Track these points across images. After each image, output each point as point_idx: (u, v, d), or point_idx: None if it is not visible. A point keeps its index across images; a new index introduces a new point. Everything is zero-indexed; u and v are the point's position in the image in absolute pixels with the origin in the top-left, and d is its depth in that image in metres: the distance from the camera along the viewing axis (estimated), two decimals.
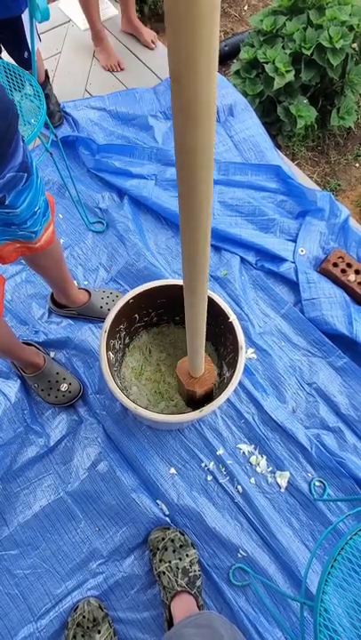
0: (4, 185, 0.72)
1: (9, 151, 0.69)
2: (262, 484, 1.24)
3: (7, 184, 0.73)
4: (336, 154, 2.23)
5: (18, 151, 0.72)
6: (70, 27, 2.08)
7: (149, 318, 1.24)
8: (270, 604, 1.12)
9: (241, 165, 1.67)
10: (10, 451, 1.23)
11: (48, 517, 1.18)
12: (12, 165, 0.72)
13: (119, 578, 1.13)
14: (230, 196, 1.61)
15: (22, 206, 0.80)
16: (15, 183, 0.75)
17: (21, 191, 0.78)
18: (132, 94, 1.83)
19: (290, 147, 2.16)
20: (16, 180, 0.75)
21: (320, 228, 1.57)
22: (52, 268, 1.16)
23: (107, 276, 1.51)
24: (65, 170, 1.60)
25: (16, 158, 0.72)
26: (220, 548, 1.16)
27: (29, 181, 0.79)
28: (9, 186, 0.74)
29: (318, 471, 1.26)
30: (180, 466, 1.24)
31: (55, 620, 1.09)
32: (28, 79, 1.15)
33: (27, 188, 0.79)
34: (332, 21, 1.78)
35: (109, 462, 1.23)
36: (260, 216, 1.58)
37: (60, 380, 1.27)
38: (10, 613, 1.10)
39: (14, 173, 0.73)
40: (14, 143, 0.70)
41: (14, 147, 0.70)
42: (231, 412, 1.31)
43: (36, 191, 0.83)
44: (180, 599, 1.03)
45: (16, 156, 0.72)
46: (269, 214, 1.57)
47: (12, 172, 0.73)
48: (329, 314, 1.42)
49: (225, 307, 1.06)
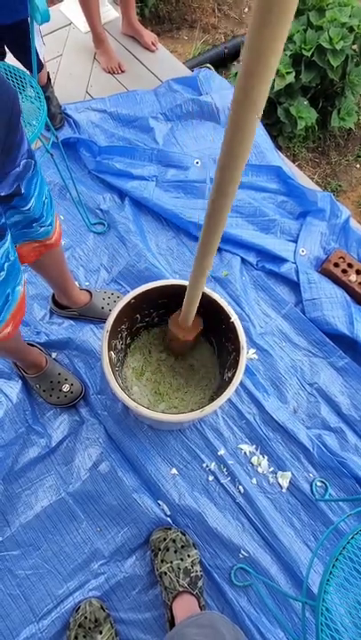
0: (20, 173, 0.73)
1: (17, 137, 0.70)
2: (264, 484, 1.24)
3: (22, 172, 0.74)
4: (337, 155, 2.24)
5: (24, 138, 0.73)
6: (71, 29, 2.09)
7: (150, 318, 1.25)
8: (272, 604, 1.12)
9: None
10: (11, 451, 1.23)
11: (50, 518, 1.18)
12: (22, 152, 0.73)
13: (121, 578, 1.13)
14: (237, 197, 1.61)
15: (34, 195, 0.81)
16: (27, 170, 0.76)
17: (31, 178, 0.79)
18: (133, 96, 1.84)
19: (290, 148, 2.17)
20: (28, 167, 0.76)
21: (321, 229, 1.57)
22: (54, 269, 1.16)
23: (108, 276, 1.51)
24: (66, 171, 1.61)
25: (24, 145, 0.73)
26: (222, 548, 1.16)
27: (36, 168, 0.80)
28: (23, 174, 0.75)
29: (320, 471, 1.25)
30: (182, 466, 1.24)
31: (57, 621, 1.09)
32: (29, 81, 1.16)
33: (35, 175, 0.80)
34: (333, 23, 1.79)
35: (111, 463, 1.23)
36: (260, 217, 1.58)
37: (61, 381, 1.28)
38: (12, 614, 1.10)
39: (26, 160, 0.74)
40: (21, 129, 0.71)
41: (21, 133, 0.71)
42: (232, 412, 1.31)
43: (42, 179, 0.85)
44: (182, 600, 1.03)
45: (24, 142, 0.73)
46: (270, 215, 1.58)
47: (24, 159, 0.74)
48: (330, 314, 1.42)
49: (226, 307, 1.07)
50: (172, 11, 2.71)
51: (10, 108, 0.66)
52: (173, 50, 2.57)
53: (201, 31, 2.66)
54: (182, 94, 1.82)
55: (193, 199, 1.62)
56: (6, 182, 0.72)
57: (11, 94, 0.66)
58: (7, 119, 0.66)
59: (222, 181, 0.56)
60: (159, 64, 2.02)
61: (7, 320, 0.83)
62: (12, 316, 0.84)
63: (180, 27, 2.71)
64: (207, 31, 2.68)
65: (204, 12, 2.73)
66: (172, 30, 2.70)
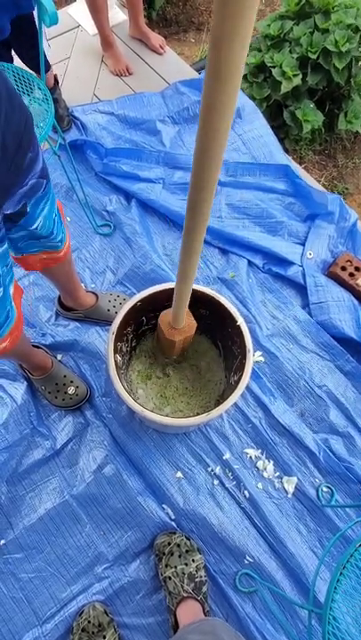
0: (26, 192, 0.73)
1: (27, 156, 0.68)
2: (269, 489, 1.22)
3: (29, 191, 0.73)
4: (343, 157, 2.23)
5: (39, 157, 0.72)
6: (79, 32, 2.09)
7: (157, 321, 1.24)
8: (277, 611, 1.11)
9: (249, 165, 1.67)
10: (16, 453, 1.23)
11: (53, 521, 1.18)
12: (34, 172, 0.72)
13: (125, 583, 1.12)
14: (238, 198, 1.61)
15: (42, 214, 0.80)
16: (36, 190, 0.75)
17: (40, 198, 0.78)
18: (140, 98, 1.84)
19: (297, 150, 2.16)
20: (38, 187, 0.75)
21: (329, 232, 1.56)
22: (61, 272, 1.16)
23: (114, 278, 1.51)
24: (73, 173, 1.61)
25: (38, 164, 0.72)
26: (227, 553, 1.15)
27: (47, 188, 0.79)
28: (30, 193, 0.74)
29: (326, 477, 1.24)
30: (187, 470, 1.23)
31: (60, 625, 1.08)
32: (37, 83, 1.16)
33: (45, 195, 0.79)
34: (338, 25, 1.78)
35: (115, 465, 1.22)
36: (267, 218, 1.57)
37: (67, 383, 1.27)
38: (14, 617, 1.09)
39: (36, 180, 0.73)
40: (36, 148, 0.70)
41: (36, 152, 0.70)
42: (238, 415, 1.30)
43: (52, 198, 0.84)
44: (186, 605, 1.02)
45: (37, 161, 0.72)
46: (277, 217, 1.57)
47: (34, 179, 0.73)
48: (337, 317, 1.41)
49: (233, 310, 1.06)
50: (180, 13, 2.72)
51: (22, 130, 0.64)
52: (180, 52, 2.57)
53: (208, 33, 2.66)
54: (189, 97, 1.82)
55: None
56: (12, 200, 0.71)
57: (24, 114, 0.65)
58: (19, 140, 0.64)
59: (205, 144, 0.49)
60: (166, 66, 2.02)
61: (4, 337, 0.84)
62: (9, 333, 0.85)
63: (187, 29, 2.72)
64: None
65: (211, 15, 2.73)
66: (179, 33, 2.70)
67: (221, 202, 1.61)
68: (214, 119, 0.44)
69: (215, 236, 1.54)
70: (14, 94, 0.62)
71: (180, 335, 1.04)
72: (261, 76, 1.99)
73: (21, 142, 0.65)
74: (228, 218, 1.59)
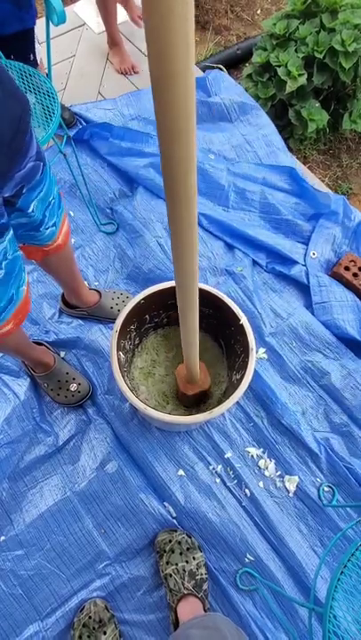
0: (25, 175, 0.74)
1: (24, 140, 0.70)
2: (271, 487, 1.23)
3: (28, 174, 0.74)
4: (348, 157, 2.22)
5: (33, 140, 0.73)
6: (85, 30, 2.09)
7: (160, 319, 1.24)
8: (278, 609, 1.11)
9: (255, 166, 1.67)
10: (18, 449, 1.24)
11: (54, 517, 1.18)
12: (30, 155, 0.73)
13: (125, 579, 1.12)
14: (250, 189, 1.61)
15: (37, 197, 0.81)
16: (34, 172, 0.76)
17: (39, 181, 0.79)
18: (143, 94, 1.84)
19: (301, 150, 2.16)
20: (35, 170, 0.76)
21: (334, 232, 1.56)
22: (64, 269, 1.17)
23: (117, 276, 1.51)
24: (77, 168, 1.61)
25: (33, 147, 0.73)
26: (227, 551, 1.15)
27: (45, 171, 0.80)
28: (29, 176, 0.75)
29: (327, 476, 1.24)
30: (188, 468, 1.23)
31: (61, 620, 1.08)
32: (43, 81, 1.16)
33: (43, 179, 0.80)
34: (345, 25, 1.77)
35: (117, 463, 1.23)
36: (274, 214, 1.58)
37: (69, 380, 1.28)
38: (14, 613, 1.09)
39: (33, 163, 0.74)
40: (30, 131, 0.71)
41: (30, 135, 0.71)
42: (240, 414, 1.31)
43: (50, 181, 0.85)
44: (187, 602, 1.03)
45: (32, 144, 0.73)
46: (283, 214, 1.57)
47: (32, 162, 0.74)
48: (340, 317, 1.41)
49: (236, 309, 1.06)
50: None
51: (18, 118, 0.66)
52: None
53: (213, 33, 2.66)
54: None
55: (207, 193, 1.62)
56: (11, 184, 0.72)
57: (22, 103, 0.67)
58: (15, 127, 0.66)
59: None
60: None
61: (8, 319, 0.84)
62: (13, 315, 0.85)
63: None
64: (219, 33, 2.68)
65: (217, 14, 2.72)
66: None
67: (231, 186, 1.61)
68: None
69: (220, 228, 1.55)
70: (8, 79, 0.64)
71: (195, 390, 1.10)
72: (266, 75, 1.98)
73: (19, 127, 0.67)
74: (236, 208, 1.59)
